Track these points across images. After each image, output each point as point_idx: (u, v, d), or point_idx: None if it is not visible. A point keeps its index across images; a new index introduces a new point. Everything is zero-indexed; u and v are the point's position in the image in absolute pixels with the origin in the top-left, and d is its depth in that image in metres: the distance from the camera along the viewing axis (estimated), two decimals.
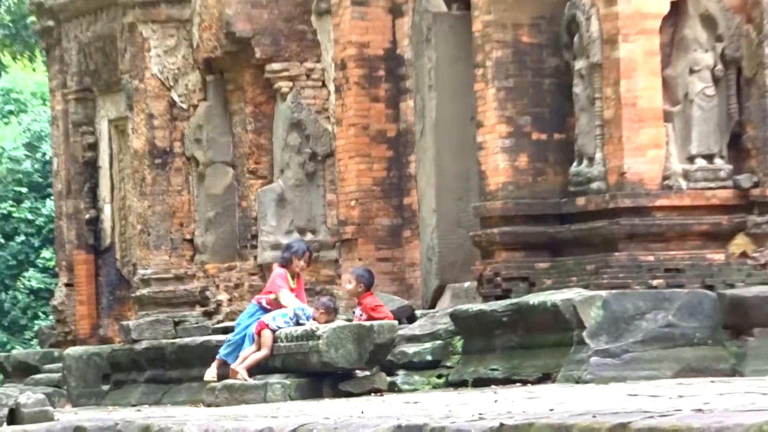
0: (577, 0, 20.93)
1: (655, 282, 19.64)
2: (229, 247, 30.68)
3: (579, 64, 20.74)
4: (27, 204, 46.44)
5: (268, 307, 22.30)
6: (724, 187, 20.25)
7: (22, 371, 32.86)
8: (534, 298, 19.64)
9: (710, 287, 19.43)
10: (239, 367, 21.12)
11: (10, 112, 52.24)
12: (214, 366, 22.39)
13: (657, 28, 20.27)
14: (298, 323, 21.89)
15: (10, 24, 63.32)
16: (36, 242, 46.81)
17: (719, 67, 20.36)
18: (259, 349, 21.55)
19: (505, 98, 21.46)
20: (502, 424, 10.04)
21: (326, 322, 21.57)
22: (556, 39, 21.48)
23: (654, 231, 20.26)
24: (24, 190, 46.96)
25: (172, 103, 30.80)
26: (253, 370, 21.32)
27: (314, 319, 22.07)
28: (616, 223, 20.18)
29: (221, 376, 21.85)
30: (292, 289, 22.58)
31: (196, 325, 28.10)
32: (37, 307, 45.81)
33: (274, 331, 21.61)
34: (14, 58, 62.42)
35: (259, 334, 21.68)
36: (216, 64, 30.43)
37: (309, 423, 12.85)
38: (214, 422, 15.43)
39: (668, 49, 20.40)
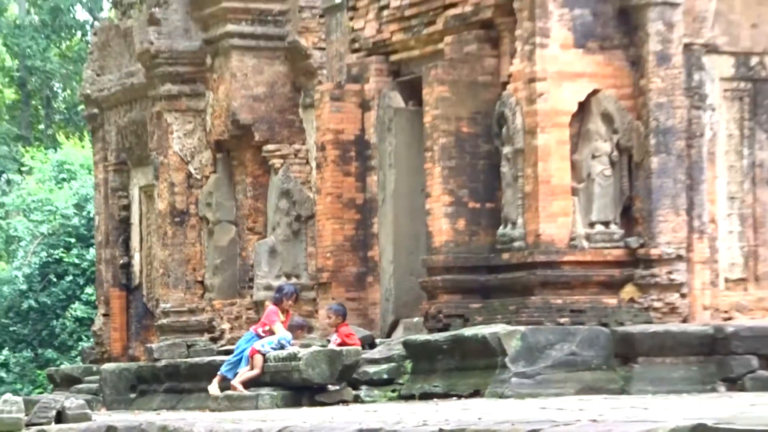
0: (505, 99, 20.94)
1: (562, 320, 19.71)
2: (231, 287, 30.58)
3: (506, 150, 20.79)
4: (75, 251, 46.54)
5: (262, 335, 22.27)
6: (617, 247, 20.44)
7: (68, 382, 33.18)
8: (468, 331, 19.69)
9: (605, 325, 19.59)
10: (236, 381, 21.39)
11: (63, 179, 51.22)
12: (216, 380, 22.44)
13: (567, 123, 20.34)
14: (282, 348, 22.14)
15: (65, 111, 64.90)
16: (81, 281, 46.77)
17: (615, 153, 20.46)
18: (252, 368, 21.76)
19: (448, 175, 21.54)
20: (441, 429, 10.56)
21: (296, 337, 22.61)
22: (489, 129, 21.39)
23: (562, 280, 20.37)
24: (72, 240, 47.02)
25: (189, 175, 31.07)
26: (248, 385, 21.36)
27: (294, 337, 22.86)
28: (533, 274, 20.35)
29: (223, 389, 21.82)
30: (281, 322, 22.75)
31: (204, 348, 28.07)
32: (81, 331, 45.58)
33: (263, 355, 21.79)
34: (67, 137, 60.93)
35: (252, 356, 21.88)
36: (224, 144, 30.72)
37: (291, 425, 13.31)
38: (216, 424, 15.84)
39: (576, 138, 20.41)
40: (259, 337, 22.36)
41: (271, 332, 22.26)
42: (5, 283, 50.20)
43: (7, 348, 48.75)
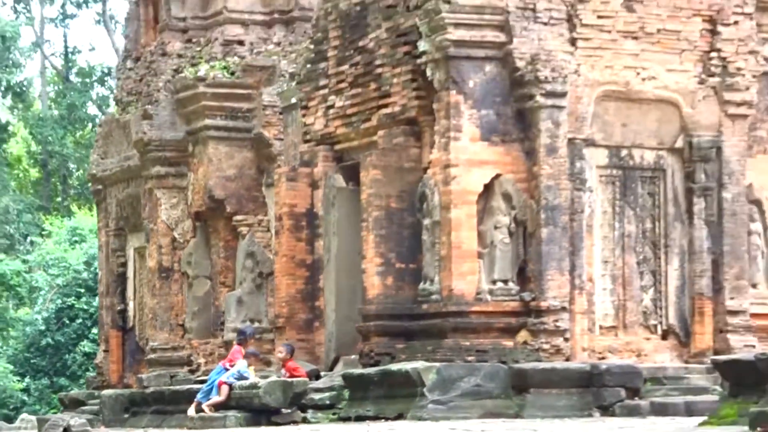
0: (425, 181, 21.07)
1: (469, 358, 19.66)
2: (206, 329, 30.51)
3: (426, 221, 20.96)
4: (84, 299, 47.44)
5: (228, 368, 22.58)
6: (514, 300, 20.48)
7: (75, 404, 33.62)
8: (394, 366, 19.84)
9: (504, 362, 19.56)
10: (207, 405, 21.89)
11: (75, 241, 52.20)
12: (193, 405, 22.59)
13: (475, 200, 20.34)
14: (241, 378, 22.32)
15: (78, 186, 65.48)
16: (89, 323, 47.33)
17: (513, 225, 20.48)
18: (220, 395, 22.17)
19: (380, 241, 21.64)
20: None
21: (251, 363, 23.07)
22: (413, 205, 21.49)
23: (470, 327, 20.31)
24: (82, 290, 47.92)
25: (174, 239, 31.54)
26: (217, 408, 21.72)
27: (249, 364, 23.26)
28: (447, 321, 20.42)
29: (198, 411, 22.21)
30: (243, 356, 23.20)
31: (184, 378, 28.08)
32: (88, 364, 45.75)
33: (229, 385, 22.13)
34: (79, 208, 62.45)
35: (220, 386, 22.14)
36: (202, 215, 31.06)
37: None
38: None
39: (482, 213, 20.40)
40: (226, 370, 22.74)
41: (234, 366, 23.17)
42: (27, 325, 50.82)
43: (28, 377, 49.19)
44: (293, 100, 26.74)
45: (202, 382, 24.10)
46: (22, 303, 54.70)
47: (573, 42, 20.57)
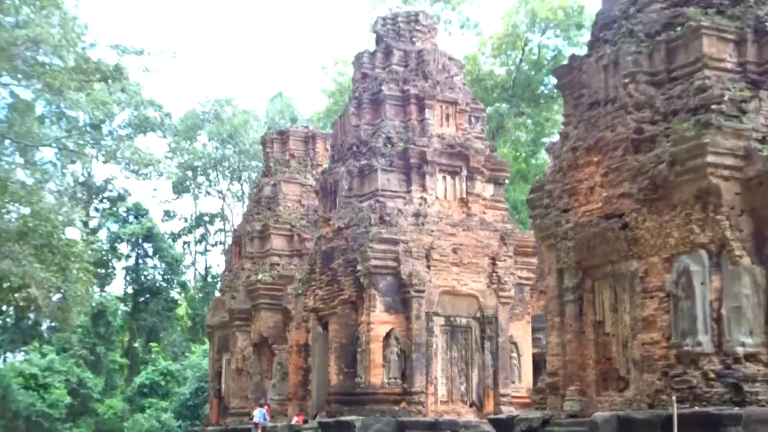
0: (359, 331, 26.25)
1: (377, 415, 25.33)
2: (257, 400, 33.98)
3: (359, 349, 26.83)
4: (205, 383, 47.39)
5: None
6: (399, 388, 26.03)
7: None
8: (342, 419, 25.35)
9: (394, 417, 25.19)
10: None
11: (204, 356, 52.29)
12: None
13: (381, 340, 25.94)
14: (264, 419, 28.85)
15: (202, 330, 56.69)
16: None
17: (399, 352, 26.46)
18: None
19: (336, 358, 26.96)
20: None
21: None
22: (353, 342, 26.84)
23: (377, 400, 26.12)
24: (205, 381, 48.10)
25: (243, 356, 36.08)
26: None
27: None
28: (367, 397, 26.15)
29: None
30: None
31: (247, 423, 33.05)
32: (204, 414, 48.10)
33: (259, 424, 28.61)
34: (203, 341, 57.05)
35: (256, 426, 28.73)
36: (257, 345, 35.11)
37: None
38: None
39: (384, 347, 26.17)
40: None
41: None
42: (182, 395, 51.42)
43: (181, 420, 49.60)
44: (299, 291, 30.89)
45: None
46: (181, 385, 54.04)
47: (429, 267, 26.39)
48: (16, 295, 47.13)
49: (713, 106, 14.94)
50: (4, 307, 56.54)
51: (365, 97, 28.94)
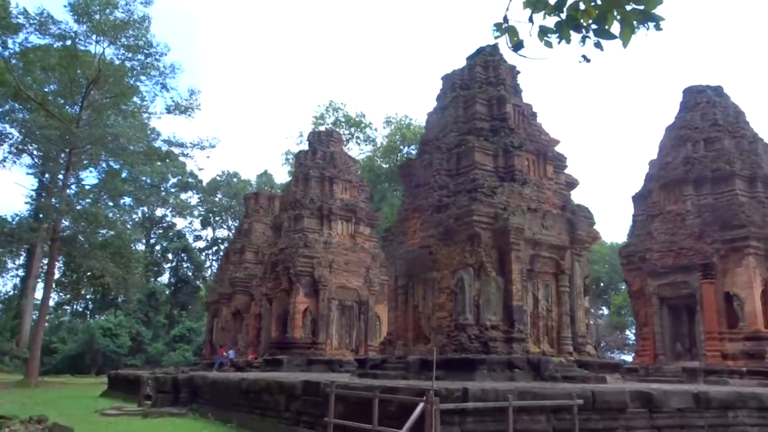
0: (290, 306, 24.93)
1: (295, 357, 24.11)
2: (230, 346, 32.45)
3: (288, 317, 25.05)
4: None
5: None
6: (309, 340, 24.85)
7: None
8: (275, 357, 24.12)
9: (307, 358, 24.10)
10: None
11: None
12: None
13: (302, 313, 24.79)
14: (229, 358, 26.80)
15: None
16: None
17: (311, 320, 25.14)
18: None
19: (275, 322, 25.30)
20: None
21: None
22: (286, 313, 24.99)
23: (296, 348, 24.62)
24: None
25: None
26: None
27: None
28: (289, 346, 24.70)
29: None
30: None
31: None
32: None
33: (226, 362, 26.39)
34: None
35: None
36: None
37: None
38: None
39: (303, 317, 25.01)
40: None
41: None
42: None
43: None
44: (258, 284, 29.81)
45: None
46: (198, 336, 49.95)
47: (330, 272, 25.65)
48: (97, 281, 46.89)
49: (478, 189, 15.23)
50: (92, 289, 56.57)
51: (300, 176, 28.56)
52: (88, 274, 45.23)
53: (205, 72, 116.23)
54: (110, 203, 36.11)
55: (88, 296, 60.18)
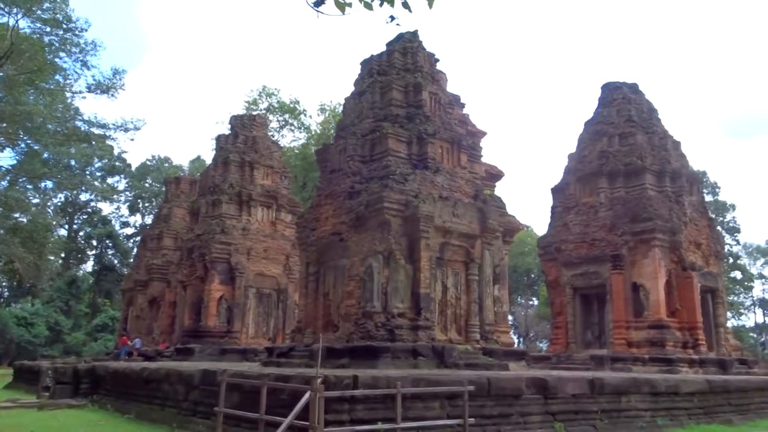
0: (204, 294, 24.19)
1: (209, 345, 23.38)
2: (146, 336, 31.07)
3: (203, 305, 24.14)
4: None
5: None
6: (224, 328, 23.98)
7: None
8: (188, 346, 22.92)
9: (221, 347, 23.46)
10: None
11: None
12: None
13: (217, 300, 24.40)
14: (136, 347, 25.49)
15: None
16: None
17: (227, 309, 24.16)
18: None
19: (190, 310, 24.59)
20: None
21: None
22: (200, 300, 24.38)
23: (211, 336, 24.01)
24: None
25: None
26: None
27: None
28: (204, 334, 23.99)
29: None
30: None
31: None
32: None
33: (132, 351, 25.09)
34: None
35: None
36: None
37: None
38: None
39: (217, 305, 24.26)
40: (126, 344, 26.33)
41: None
42: None
43: None
44: (175, 271, 29.27)
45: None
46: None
47: (248, 259, 24.96)
48: (7, 266, 45.04)
49: (390, 176, 15.04)
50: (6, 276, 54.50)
51: (220, 160, 27.80)
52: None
53: (148, 55, 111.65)
54: (29, 186, 34.34)
55: (3, 284, 58.14)
